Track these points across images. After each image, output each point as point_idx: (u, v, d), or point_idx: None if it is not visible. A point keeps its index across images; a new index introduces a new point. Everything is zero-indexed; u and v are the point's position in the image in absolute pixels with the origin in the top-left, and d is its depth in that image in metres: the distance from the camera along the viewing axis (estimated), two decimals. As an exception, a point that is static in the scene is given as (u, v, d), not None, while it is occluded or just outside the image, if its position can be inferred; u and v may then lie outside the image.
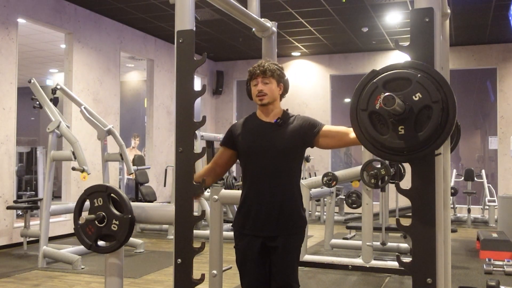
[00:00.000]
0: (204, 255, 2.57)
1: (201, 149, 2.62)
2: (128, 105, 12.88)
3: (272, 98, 2.52)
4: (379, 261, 5.38)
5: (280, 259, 2.48)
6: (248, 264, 2.54)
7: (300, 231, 2.56)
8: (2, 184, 6.67)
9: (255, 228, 2.51)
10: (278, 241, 2.48)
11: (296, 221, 2.52)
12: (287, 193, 2.51)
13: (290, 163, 2.50)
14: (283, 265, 2.48)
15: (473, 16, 8.33)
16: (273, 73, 2.51)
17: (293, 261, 2.50)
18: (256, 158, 2.50)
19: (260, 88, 2.49)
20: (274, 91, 2.52)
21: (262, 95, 2.50)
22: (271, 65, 2.53)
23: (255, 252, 2.51)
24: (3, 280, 4.97)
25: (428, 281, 1.73)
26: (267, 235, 2.49)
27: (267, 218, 2.48)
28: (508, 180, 9.94)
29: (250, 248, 2.52)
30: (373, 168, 5.11)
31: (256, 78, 2.52)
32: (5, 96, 6.72)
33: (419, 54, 1.77)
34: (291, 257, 2.49)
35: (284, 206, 2.49)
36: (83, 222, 2.44)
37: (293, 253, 2.50)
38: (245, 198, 2.56)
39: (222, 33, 9.52)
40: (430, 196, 1.75)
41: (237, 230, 2.61)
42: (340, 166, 12.37)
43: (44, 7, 7.36)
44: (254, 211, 2.51)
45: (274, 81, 2.52)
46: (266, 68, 2.50)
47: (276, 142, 2.49)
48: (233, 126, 2.64)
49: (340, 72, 11.19)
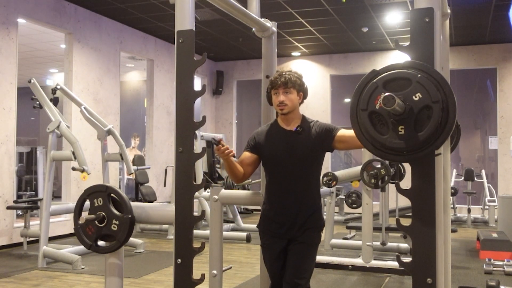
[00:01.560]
0: (204, 255, 2.57)
1: (201, 149, 2.62)
2: (128, 105, 12.88)
3: (293, 108, 2.67)
4: (379, 261, 5.38)
5: (294, 257, 2.61)
6: (275, 261, 2.68)
7: (318, 231, 2.69)
8: (2, 184, 6.67)
9: (279, 231, 2.65)
10: (300, 238, 2.62)
11: (315, 222, 2.65)
12: (308, 197, 2.65)
13: (310, 169, 2.65)
14: (295, 263, 2.60)
15: (473, 16, 8.33)
16: (294, 83, 2.65)
17: (306, 260, 2.61)
18: (279, 165, 2.65)
19: (281, 99, 2.63)
20: (294, 101, 2.66)
21: (283, 105, 2.64)
22: (292, 75, 2.66)
23: (280, 250, 2.65)
24: (3, 280, 4.97)
25: (428, 281, 1.74)
26: (290, 238, 2.64)
27: (290, 222, 2.62)
28: (508, 180, 9.94)
29: (276, 248, 2.67)
30: (373, 168, 5.12)
31: (278, 88, 2.65)
32: (5, 96, 6.72)
33: (419, 54, 1.77)
34: (305, 256, 2.61)
35: (305, 211, 2.62)
36: (83, 222, 2.44)
37: (311, 250, 2.63)
38: (270, 203, 2.70)
39: (222, 33, 9.52)
40: (430, 196, 1.75)
41: (262, 231, 2.75)
42: (340, 166, 12.37)
43: (44, 7, 7.36)
44: (277, 215, 2.65)
45: (294, 91, 2.66)
46: (288, 79, 2.64)
47: (297, 149, 2.63)
48: (257, 133, 2.77)
49: (340, 72, 11.19)
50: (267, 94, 2.79)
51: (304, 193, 2.64)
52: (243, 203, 8.04)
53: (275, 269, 2.69)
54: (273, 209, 2.67)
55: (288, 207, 2.63)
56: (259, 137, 2.74)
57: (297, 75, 2.70)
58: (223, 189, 3.01)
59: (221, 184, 8.20)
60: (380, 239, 5.62)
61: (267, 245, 2.71)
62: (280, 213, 2.64)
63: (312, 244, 2.65)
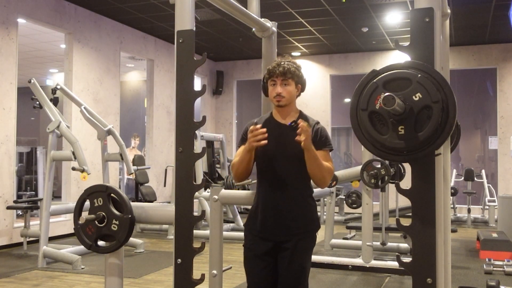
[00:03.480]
0: (204, 255, 2.57)
1: (201, 149, 2.62)
2: (128, 105, 12.88)
3: (290, 100, 2.51)
4: (379, 261, 5.38)
5: (287, 262, 2.46)
6: (256, 262, 2.51)
7: (311, 235, 2.54)
8: (2, 184, 6.67)
9: (267, 233, 2.49)
10: (289, 244, 2.46)
11: (307, 225, 2.50)
12: (298, 196, 2.50)
13: (301, 167, 2.44)
14: (290, 268, 2.46)
15: (473, 16, 8.33)
16: (293, 74, 2.48)
17: (301, 265, 2.47)
18: (269, 161, 2.49)
19: (279, 91, 2.47)
20: (292, 93, 2.50)
21: (280, 97, 2.48)
22: (291, 66, 2.49)
23: (264, 252, 2.49)
24: (3, 280, 4.97)
25: (428, 281, 1.74)
26: (278, 239, 2.48)
27: (278, 223, 2.47)
28: (508, 180, 9.94)
29: (260, 248, 2.50)
30: (373, 168, 5.12)
31: (275, 79, 2.48)
32: (5, 96, 6.72)
33: (419, 54, 1.77)
34: (299, 261, 2.47)
35: (295, 211, 2.47)
36: (83, 222, 2.44)
37: (301, 257, 2.48)
38: (257, 201, 2.55)
39: (222, 33, 9.52)
40: (430, 196, 1.75)
41: (247, 230, 2.59)
42: (340, 166, 12.38)
43: (44, 7, 7.36)
44: (265, 215, 2.49)
45: (293, 82, 2.49)
46: (287, 70, 2.46)
47: (288, 146, 2.46)
48: (250, 124, 2.59)
49: (340, 72, 11.19)
50: (263, 84, 2.60)
51: (294, 191, 2.48)
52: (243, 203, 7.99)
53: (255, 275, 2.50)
54: (259, 206, 2.52)
55: (276, 205, 2.47)
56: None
57: (296, 65, 2.52)
58: (223, 189, 3.00)
59: (221, 184, 8.20)
60: (380, 239, 5.62)
61: (251, 245, 2.54)
62: (266, 210, 2.48)
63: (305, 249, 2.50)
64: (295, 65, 2.52)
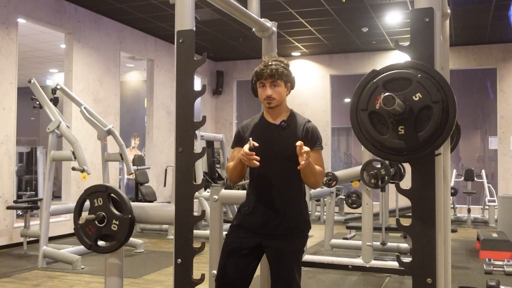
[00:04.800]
0: (204, 255, 2.57)
1: (201, 149, 2.62)
2: (128, 105, 12.88)
3: (280, 101, 2.49)
4: (379, 261, 5.38)
5: (278, 262, 2.44)
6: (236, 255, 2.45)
7: (301, 236, 2.52)
8: (2, 184, 6.67)
9: (255, 226, 2.47)
10: (278, 243, 2.43)
11: (297, 225, 2.48)
12: (288, 196, 2.48)
13: (292, 167, 2.40)
14: (281, 268, 2.43)
15: (473, 16, 8.33)
16: (281, 75, 2.45)
17: (292, 265, 2.45)
18: (260, 161, 2.41)
19: (269, 94, 2.44)
20: (282, 94, 2.48)
21: (270, 99, 2.46)
22: (279, 66, 2.46)
23: (247, 248, 2.45)
24: (3, 280, 4.97)
25: (428, 281, 1.74)
26: (267, 233, 2.44)
27: (267, 221, 2.44)
28: (508, 180, 9.94)
29: (243, 244, 2.46)
30: (373, 168, 5.11)
31: (264, 81, 2.46)
32: (5, 96, 6.72)
33: (419, 54, 1.77)
34: (290, 261, 2.44)
35: (286, 210, 2.45)
36: (83, 222, 2.44)
37: (292, 257, 2.46)
38: (249, 199, 2.53)
39: (222, 33, 9.52)
40: (430, 196, 1.75)
41: (234, 224, 2.55)
42: (340, 166, 12.38)
43: (44, 7, 7.36)
44: (256, 214, 2.47)
45: (282, 83, 2.47)
46: (275, 71, 2.43)
47: (278, 145, 2.46)
48: (242, 126, 2.61)
49: (340, 72, 11.19)
50: (251, 85, 2.57)
51: (285, 191, 2.46)
52: (243, 203, 8.02)
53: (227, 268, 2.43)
54: (251, 205, 2.49)
55: (266, 204, 2.45)
56: (244, 130, 2.58)
57: (283, 64, 2.49)
58: (223, 189, 3.01)
59: (221, 184, 8.20)
60: (380, 239, 5.62)
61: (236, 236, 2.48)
62: (257, 209, 2.46)
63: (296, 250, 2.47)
64: (283, 64, 2.49)
